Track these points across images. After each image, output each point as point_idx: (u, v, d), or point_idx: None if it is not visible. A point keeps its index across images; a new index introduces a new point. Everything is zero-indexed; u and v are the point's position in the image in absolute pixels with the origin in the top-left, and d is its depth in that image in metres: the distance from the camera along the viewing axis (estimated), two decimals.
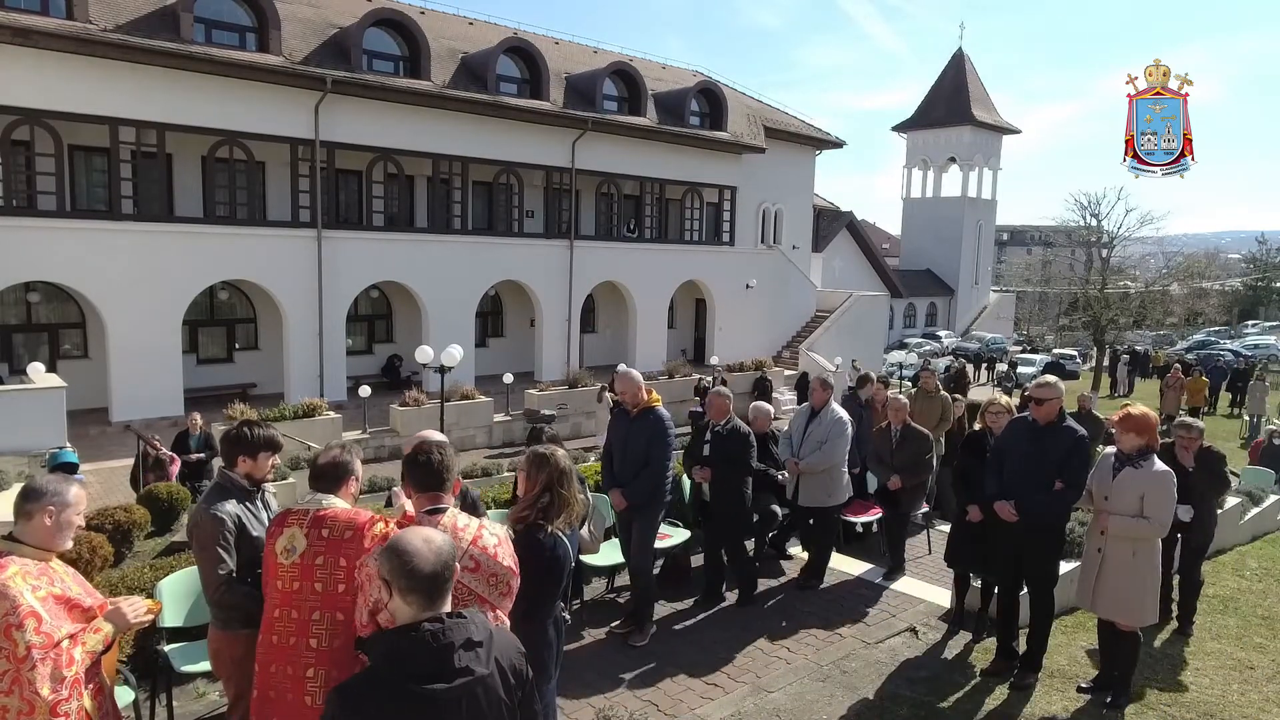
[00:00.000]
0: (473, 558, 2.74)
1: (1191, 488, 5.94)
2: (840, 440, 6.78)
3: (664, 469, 5.64)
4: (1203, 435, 6.24)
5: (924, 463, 7.31)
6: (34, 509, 2.78)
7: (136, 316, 17.03)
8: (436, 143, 20.80)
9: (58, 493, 2.82)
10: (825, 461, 6.71)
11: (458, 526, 2.82)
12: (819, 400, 6.95)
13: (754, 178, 28.10)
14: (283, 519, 3.03)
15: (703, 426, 6.53)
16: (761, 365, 24.32)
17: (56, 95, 15.71)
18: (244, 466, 3.53)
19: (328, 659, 2.85)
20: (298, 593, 2.90)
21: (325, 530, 2.93)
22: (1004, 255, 69.67)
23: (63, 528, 2.82)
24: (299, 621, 2.89)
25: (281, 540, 2.96)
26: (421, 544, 2.08)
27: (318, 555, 2.90)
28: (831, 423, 6.80)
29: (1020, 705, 4.98)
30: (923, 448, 7.26)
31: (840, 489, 6.90)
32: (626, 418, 5.76)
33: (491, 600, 2.74)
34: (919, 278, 47.63)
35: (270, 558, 3.00)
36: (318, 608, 2.88)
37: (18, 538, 2.79)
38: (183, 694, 4.75)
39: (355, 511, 3.02)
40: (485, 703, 2.04)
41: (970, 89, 46.61)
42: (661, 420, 5.64)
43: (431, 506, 2.93)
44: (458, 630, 2.04)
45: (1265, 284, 59.37)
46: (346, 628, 2.85)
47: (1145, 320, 34.26)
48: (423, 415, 17.14)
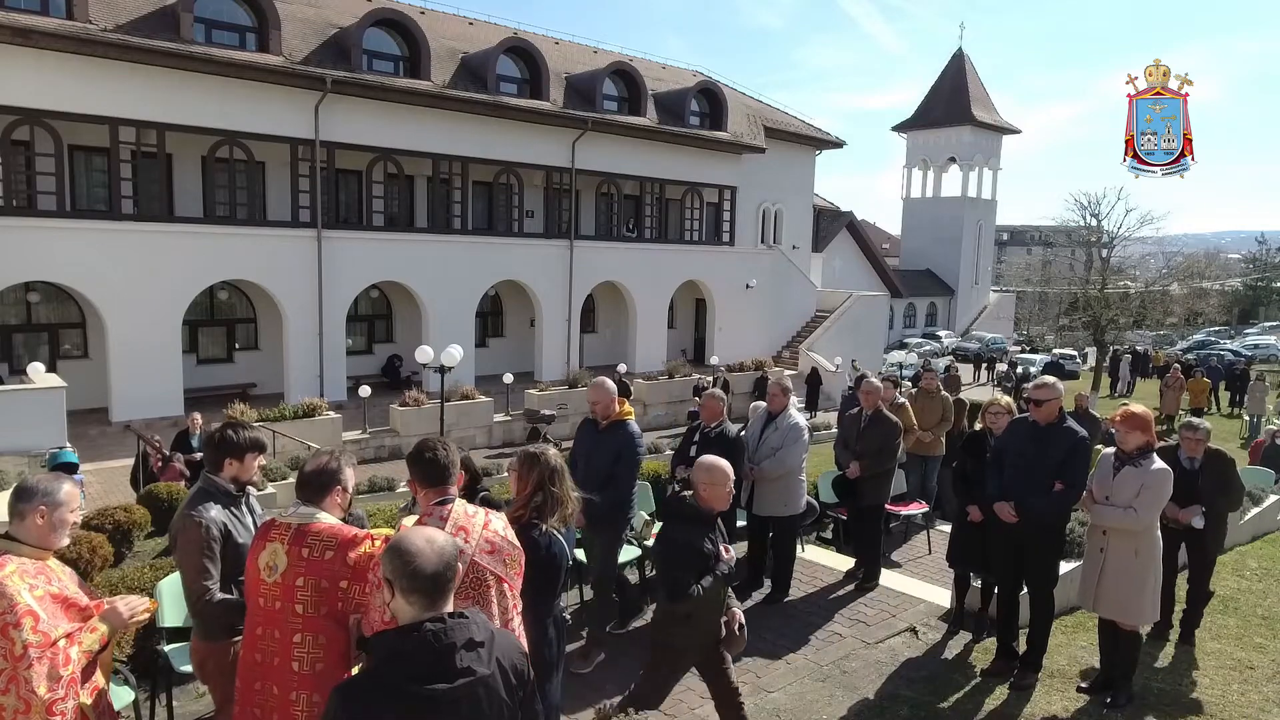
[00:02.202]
0: (488, 540, 2.87)
1: (1202, 491, 5.72)
2: (797, 446, 6.41)
3: (630, 489, 5.41)
4: (1209, 436, 5.96)
5: (888, 451, 6.96)
6: (26, 509, 2.77)
7: (136, 316, 17.03)
8: (436, 143, 20.81)
9: (48, 492, 2.80)
10: (780, 468, 6.36)
11: (467, 513, 2.93)
12: (777, 405, 6.57)
13: (754, 178, 28.10)
14: (266, 531, 2.93)
15: (694, 428, 6.38)
16: (761, 365, 24.33)
17: (56, 95, 15.72)
18: (230, 470, 3.43)
19: (311, 683, 2.76)
20: (279, 613, 2.81)
21: (306, 550, 2.82)
22: (1004, 255, 69.68)
23: (56, 526, 2.81)
24: (281, 642, 2.81)
25: (264, 556, 2.86)
26: (424, 544, 2.08)
27: (298, 576, 2.79)
28: (788, 429, 6.44)
29: (1020, 705, 4.98)
30: (890, 435, 6.95)
31: (797, 498, 6.51)
32: (595, 429, 5.47)
33: (509, 579, 2.88)
34: (919, 278, 47.64)
35: (253, 571, 2.89)
36: (299, 630, 2.79)
37: (14, 536, 2.78)
38: (183, 694, 4.75)
39: (338, 529, 2.91)
40: (486, 703, 2.04)
41: (970, 89, 46.64)
42: (632, 437, 5.35)
43: (440, 499, 2.99)
44: (459, 631, 2.03)
45: (1265, 284, 59.40)
46: (330, 651, 2.79)
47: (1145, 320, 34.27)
48: (423, 415, 17.15)
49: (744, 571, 6.62)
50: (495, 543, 2.88)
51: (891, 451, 7.03)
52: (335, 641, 2.81)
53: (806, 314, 30.84)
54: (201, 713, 4.64)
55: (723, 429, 6.15)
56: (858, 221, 43.64)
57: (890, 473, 7.22)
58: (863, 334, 30.60)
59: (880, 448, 6.92)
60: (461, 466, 3.19)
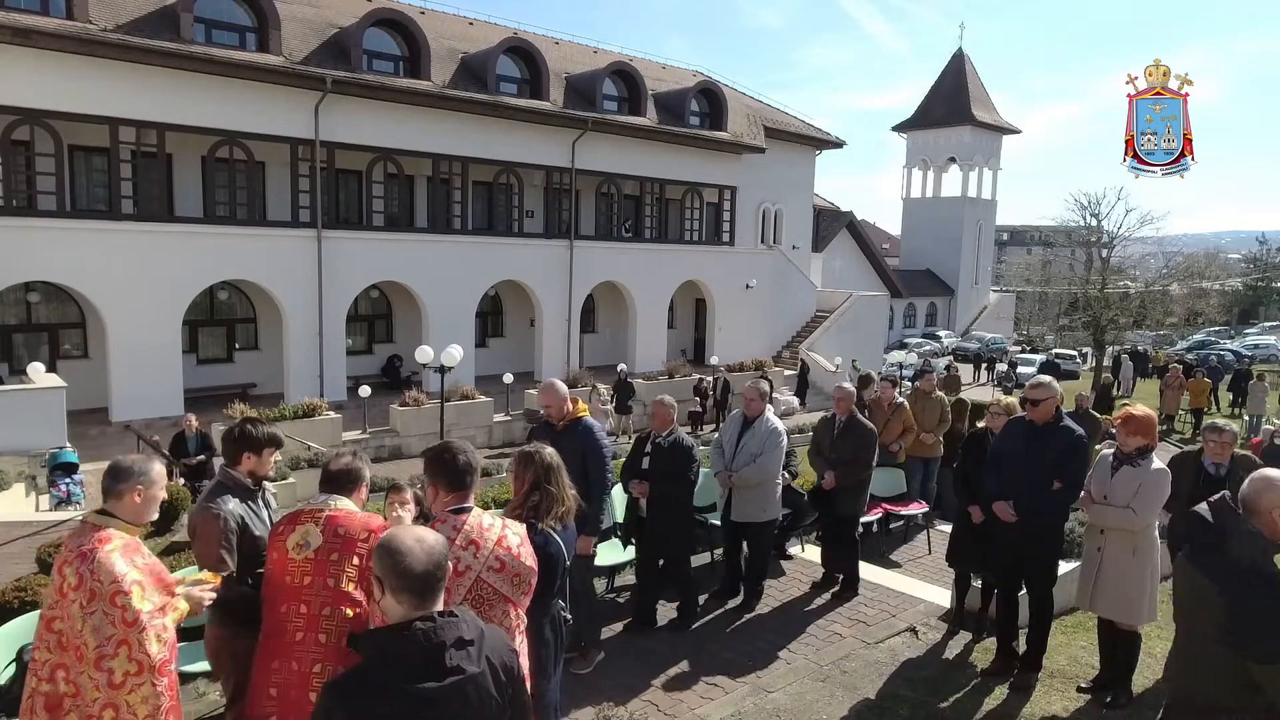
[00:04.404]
0: (498, 558, 2.82)
1: None
2: (775, 452, 6.17)
3: (604, 487, 5.16)
4: (1236, 440, 5.45)
5: (861, 460, 6.62)
6: (124, 488, 2.95)
7: (136, 316, 17.03)
8: (436, 143, 20.81)
9: (144, 472, 2.98)
10: (760, 475, 6.10)
11: (483, 526, 2.86)
12: (754, 410, 6.27)
13: (754, 178, 28.11)
14: (294, 518, 3.09)
15: (644, 438, 6.04)
16: (761, 365, 24.34)
17: (56, 95, 15.72)
18: (248, 464, 3.56)
19: (334, 654, 2.90)
20: (309, 587, 2.95)
21: (341, 528, 3.01)
22: (1004, 255, 69.67)
23: (149, 503, 3.02)
24: (308, 616, 2.94)
25: (294, 537, 3.01)
26: (414, 543, 2.08)
27: (332, 551, 2.97)
28: (766, 434, 6.17)
29: (1020, 705, 4.98)
30: (864, 443, 6.63)
31: (774, 503, 6.30)
32: (551, 432, 5.16)
33: (514, 599, 2.84)
34: (919, 278, 47.65)
35: (278, 554, 3.04)
36: (329, 603, 2.93)
37: (111, 513, 2.94)
38: (183, 694, 4.73)
39: (369, 516, 3.10)
40: (476, 701, 2.05)
41: (970, 89, 46.65)
42: (592, 431, 5.15)
43: (456, 506, 2.94)
44: (449, 629, 2.05)
45: (1265, 284, 59.41)
46: (356, 624, 2.92)
47: (1145, 320, 34.24)
48: (423, 415, 17.15)
49: (719, 580, 6.56)
50: (505, 561, 2.83)
51: (866, 461, 6.69)
52: (361, 616, 2.93)
53: (806, 314, 30.85)
54: (202, 712, 4.64)
55: (675, 437, 5.82)
56: (858, 221, 43.64)
57: (866, 483, 6.86)
58: (863, 334, 30.61)
59: (854, 456, 6.60)
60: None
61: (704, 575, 6.76)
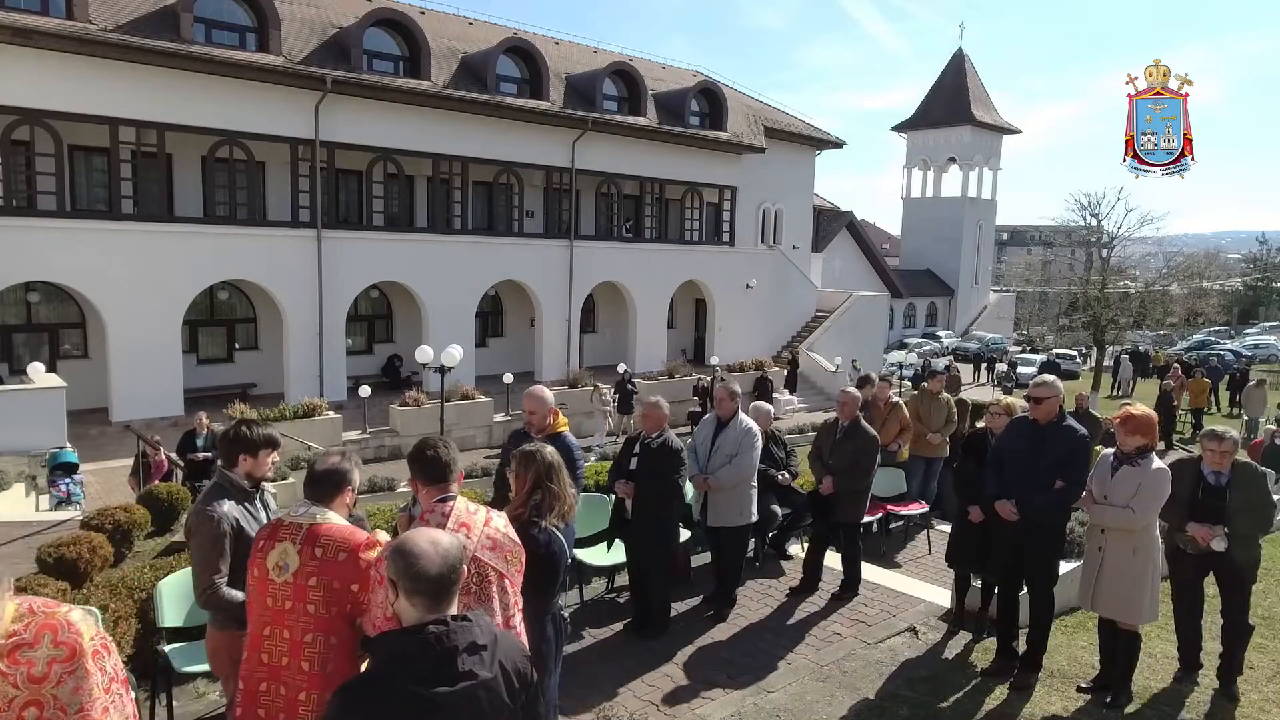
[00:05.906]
0: (489, 537, 2.90)
1: (1230, 510, 4.95)
2: (751, 453, 6.06)
3: None
4: (1237, 447, 5.14)
5: (861, 467, 6.47)
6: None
7: (136, 316, 17.02)
8: (436, 143, 20.80)
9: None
10: (736, 476, 6.01)
11: (469, 510, 2.96)
12: (726, 410, 6.16)
13: (754, 178, 28.10)
14: (274, 531, 2.93)
15: (634, 439, 5.97)
16: (761, 365, 24.35)
17: (56, 95, 15.71)
18: (245, 465, 3.52)
19: (320, 683, 2.76)
20: (289, 612, 2.81)
21: (319, 549, 2.84)
22: (1004, 255, 69.67)
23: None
24: (291, 642, 2.80)
25: (273, 556, 2.87)
26: (428, 546, 2.08)
27: (310, 576, 2.80)
28: (741, 434, 6.06)
29: (1020, 705, 4.98)
30: (864, 450, 6.48)
31: (750, 505, 6.18)
32: (527, 440, 5.09)
33: (510, 576, 2.92)
34: (919, 278, 47.65)
35: (259, 572, 2.89)
36: (310, 630, 2.79)
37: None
38: (183, 694, 4.74)
39: (350, 531, 2.95)
40: (488, 706, 2.03)
41: (970, 89, 46.66)
42: (570, 450, 4.96)
43: (440, 496, 3.02)
44: (462, 633, 2.03)
45: (1265, 284, 59.40)
46: (339, 651, 2.79)
47: (1145, 320, 34.22)
48: (423, 415, 17.16)
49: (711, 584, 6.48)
50: (497, 539, 2.91)
51: (866, 469, 6.55)
52: (346, 641, 2.82)
53: (806, 314, 30.84)
54: (201, 712, 4.64)
55: (665, 439, 5.73)
56: (858, 221, 43.64)
57: (866, 491, 6.74)
58: (863, 334, 30.59)
59: (853, 463, 6.46)
60: None
61: (704, 577, 6.75)
